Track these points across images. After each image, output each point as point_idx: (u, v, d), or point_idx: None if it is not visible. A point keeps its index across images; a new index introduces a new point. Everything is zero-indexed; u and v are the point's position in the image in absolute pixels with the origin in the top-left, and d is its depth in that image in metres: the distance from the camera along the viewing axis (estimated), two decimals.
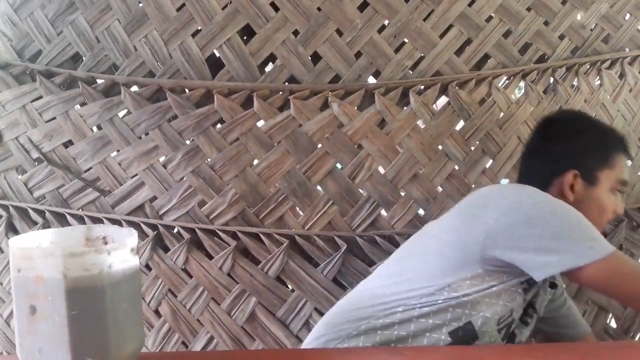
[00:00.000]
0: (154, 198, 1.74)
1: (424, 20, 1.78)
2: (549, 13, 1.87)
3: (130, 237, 0.96)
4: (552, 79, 1.89)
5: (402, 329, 1.23)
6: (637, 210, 1.94)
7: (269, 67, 1.91)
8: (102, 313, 0.87)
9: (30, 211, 1.77)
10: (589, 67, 1.92)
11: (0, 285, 1.78)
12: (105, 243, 1.05)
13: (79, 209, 1.75)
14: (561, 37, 1.89)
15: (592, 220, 1.23)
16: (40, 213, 1.76)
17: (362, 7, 1.77)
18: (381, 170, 1.75)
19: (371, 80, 1.79)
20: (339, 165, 1.75)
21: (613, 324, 1.90)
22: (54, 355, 0.85)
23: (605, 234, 1.84)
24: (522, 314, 1.30)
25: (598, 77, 1.93)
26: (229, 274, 1.70)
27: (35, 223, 1.77)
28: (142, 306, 1.66)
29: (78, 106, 1.77)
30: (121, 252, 0.91)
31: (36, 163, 1.78)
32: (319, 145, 1.73)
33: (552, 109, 1.86)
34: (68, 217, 1.74)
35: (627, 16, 1.92)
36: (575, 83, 1.89)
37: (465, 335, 1.23)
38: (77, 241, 1.04)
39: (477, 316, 1.22)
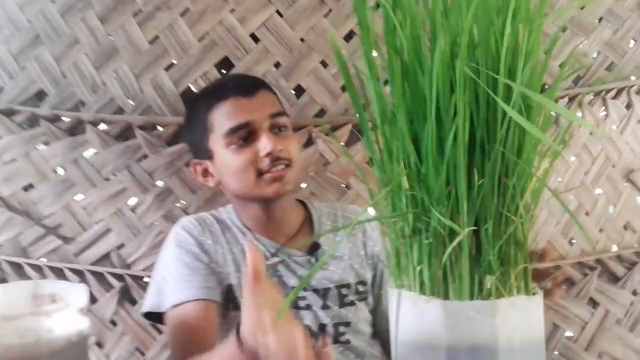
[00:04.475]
0: (122, 245, 1.61)
1: None
2: (548, 41, 1.78)
3: (77, 295, 0.86)
4: None
5: None
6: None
7: None
8: None
9: None
10: (592, 97, 1.81)
11: None
12: (54, 301, 0.94)
13: (38, 258, 1.61)
14: (562, 66, 1.79)
15: (241, 185, 1.20)
16: None
17: (348, 38, 1.68)
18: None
19: None
20: None
21: None
22: None
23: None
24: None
25: (603, 108, 1.82)
26: None
27: None
28: None
29: (42, 145, 1.64)
30: (65, 313, 0.79)
31: None
32: (304, 185, 1.62)
33: (556, 142, 1.74)
34: (26, 267, 1.60)
35: (632, 43, 1.83)
36: (579, 114, 1.78)
37: None
38: (22, 299, 0.91)
39: None
